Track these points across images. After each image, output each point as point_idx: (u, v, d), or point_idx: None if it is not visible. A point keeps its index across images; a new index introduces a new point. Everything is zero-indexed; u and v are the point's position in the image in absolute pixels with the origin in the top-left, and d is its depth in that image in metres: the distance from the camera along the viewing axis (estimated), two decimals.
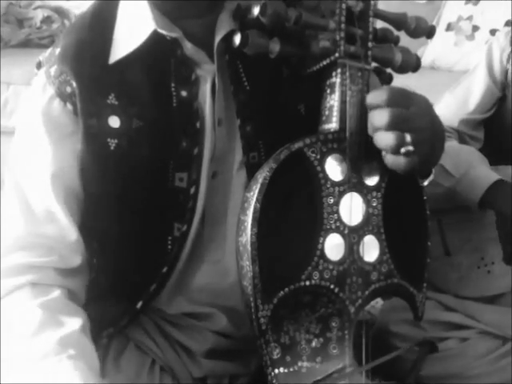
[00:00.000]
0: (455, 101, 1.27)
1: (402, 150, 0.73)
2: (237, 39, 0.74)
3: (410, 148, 0.73)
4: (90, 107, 0.80)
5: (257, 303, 0.71)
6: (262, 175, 0.72)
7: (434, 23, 2.43)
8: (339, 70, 0.76)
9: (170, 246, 0.83)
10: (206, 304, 0.88)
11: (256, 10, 0.73)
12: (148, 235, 0.83)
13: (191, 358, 0.91)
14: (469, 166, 1.12)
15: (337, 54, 0.75)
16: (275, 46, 0.74)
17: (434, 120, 0.79)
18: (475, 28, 2.37)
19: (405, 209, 0.80)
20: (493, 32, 2.28)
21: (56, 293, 0.79)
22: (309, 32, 0.76)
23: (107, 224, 0.83)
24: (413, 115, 0.74)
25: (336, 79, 0.76)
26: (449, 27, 2.41)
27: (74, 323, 0.76)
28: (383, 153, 0.75)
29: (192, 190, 0.82)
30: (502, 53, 1.21)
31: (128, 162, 0.80)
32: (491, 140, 1.26)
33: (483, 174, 1.12)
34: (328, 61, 0.76)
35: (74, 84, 0.80)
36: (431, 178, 0.86)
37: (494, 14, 2.32)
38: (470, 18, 2.38)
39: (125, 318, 0.87)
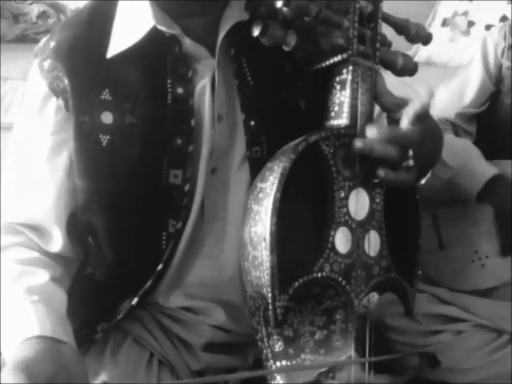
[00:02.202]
0: (451, 94, 1.28)
1: (404, 164, 0.75)
2: (257, 29, 0.74)
3: (410, 163, 0.75)
4: (83, 104, 0.80)
5: (274, 293, 0.71)
6: (281, 165, 0.73)
7: (429, 18, 2.44)
8: (351, 68, 0.76)
9: (164, 243, 0.83)
10: (204, 298, 0.89)
11: (280, 3, 0.73)
12: (142, 231, 0.83)
13: (189, 351, 0.91)
14: (467, 157, 1.13)
15: (350, 52, 0.76)
16: (292, 39, 0.75)
17: (434, 127, 0.81)
18: (471, 23, 2.37)
19: (399, 206, 0.81)
20: (488, 27, 2.28)
21: (35, 253, 0.85)
22: (320, 28, 0.76)
23: (100, 220, 0.84)
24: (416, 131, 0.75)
25: (347, 76, 0.77)
26: (444, 23, 2.42)
27: (45, 274, 0.82)
28: (381, 172, 0.75)
29: (186, 188, 0.82)
30: (497, 47, 1.22)
31: (120, 159, 0.81)
32: (484, 134, 1.27)
33: (482, 166, 1.13)
34: (340, 58, 0.77)
35: (66, 81, 0.80)
36: (428, 176, 0.87)
37: (489, 10, 2.33)
38: (465, 14, 2.39)
39: (119, 313, 0.87)
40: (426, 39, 0.83)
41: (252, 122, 0.83)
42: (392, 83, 0.87)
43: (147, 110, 0.81)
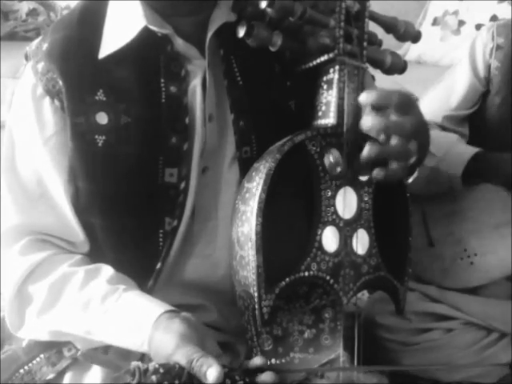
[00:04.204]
0: (438, 97, 1.28)
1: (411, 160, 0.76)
2: (242, 30, 0.75)
3: (413, 159, 0.77)
4: (78, 105, 0.80)
5: (260, 293, 0.71)
6: (267, 166, 0.73)
7: (420, 17, 2.45)
8: (337, 67, 0.77)
9: (161, 240, 0.83)
10: (196, 296, 0.89)
11: (264, 3, 0.73)
12: (140, 230, 0.84)
13: None
14: (450, 145, 1.14)
15: (336, 51, 0.76)
16: (277, 40, 0.75)
17: (423, 121, 0.81)
18: (461, 23, 2.38)
19: (389, 204, 0.82)
20: (478, 27, 2.29)
21: (77, 255, 0.85)
22: (307, 28, 0.77)
23: (98, 219, 0.84)
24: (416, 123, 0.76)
25: (334, 76, 0.77)
26: (435, 22, 2.42)
27: (108, 268, 0.83)
28: (376, 171, 0.75)
29: (182, 186, 0.83)
30: (485, 48, 1.22)
31: (117, 158, 0.81)
32: (476, 135, 1.27)
33: (464, 149, 1.14)
34: (327, 57, 0.77)
35: (61, 83, 0.80)
36: (415, 175, 0.88)
37: (479, 9, 2.34)
38: (455, 13, 2.40)
39: None
40: (414, 37, 0.83)
41: (241, 122, 0.83)
42: (382, 82, 0.87)
43: (142, 109, 0.81)
